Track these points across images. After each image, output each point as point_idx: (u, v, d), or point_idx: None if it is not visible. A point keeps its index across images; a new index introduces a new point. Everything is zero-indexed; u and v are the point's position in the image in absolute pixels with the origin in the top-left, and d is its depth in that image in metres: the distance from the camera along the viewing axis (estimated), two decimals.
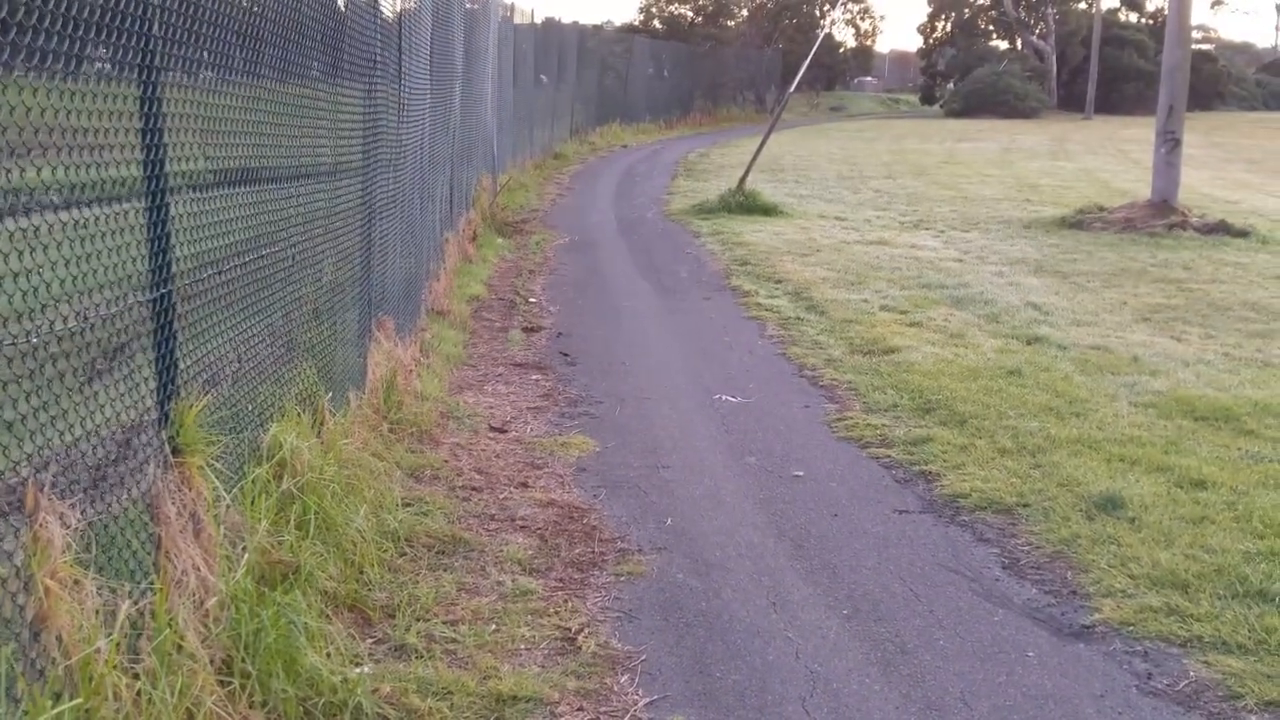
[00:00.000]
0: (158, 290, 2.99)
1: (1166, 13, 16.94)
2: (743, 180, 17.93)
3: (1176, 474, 5.72)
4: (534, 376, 7.92)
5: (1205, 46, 63.42)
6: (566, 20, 33.34)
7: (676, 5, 58.89)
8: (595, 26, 44.61)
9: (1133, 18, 63.35)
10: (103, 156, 2.76)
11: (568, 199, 19.66)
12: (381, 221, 6.52)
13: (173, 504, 2.89)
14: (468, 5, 12.97)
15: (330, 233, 5.18)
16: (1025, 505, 5.37)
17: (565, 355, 8.54)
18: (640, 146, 32.79)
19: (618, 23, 58.96)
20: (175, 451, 3.05)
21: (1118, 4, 63.81)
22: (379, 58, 6.17)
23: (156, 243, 2.97)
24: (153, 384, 3.00)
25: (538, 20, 25.10)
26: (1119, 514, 5.20)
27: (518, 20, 21.71)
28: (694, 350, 8.85)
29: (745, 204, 17.06)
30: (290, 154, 4.52)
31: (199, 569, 2.91)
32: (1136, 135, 34.85)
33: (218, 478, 3.28)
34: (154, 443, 2.94)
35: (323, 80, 4.97)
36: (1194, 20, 16.91)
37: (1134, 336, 9.03)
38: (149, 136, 2.91)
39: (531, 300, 10.68)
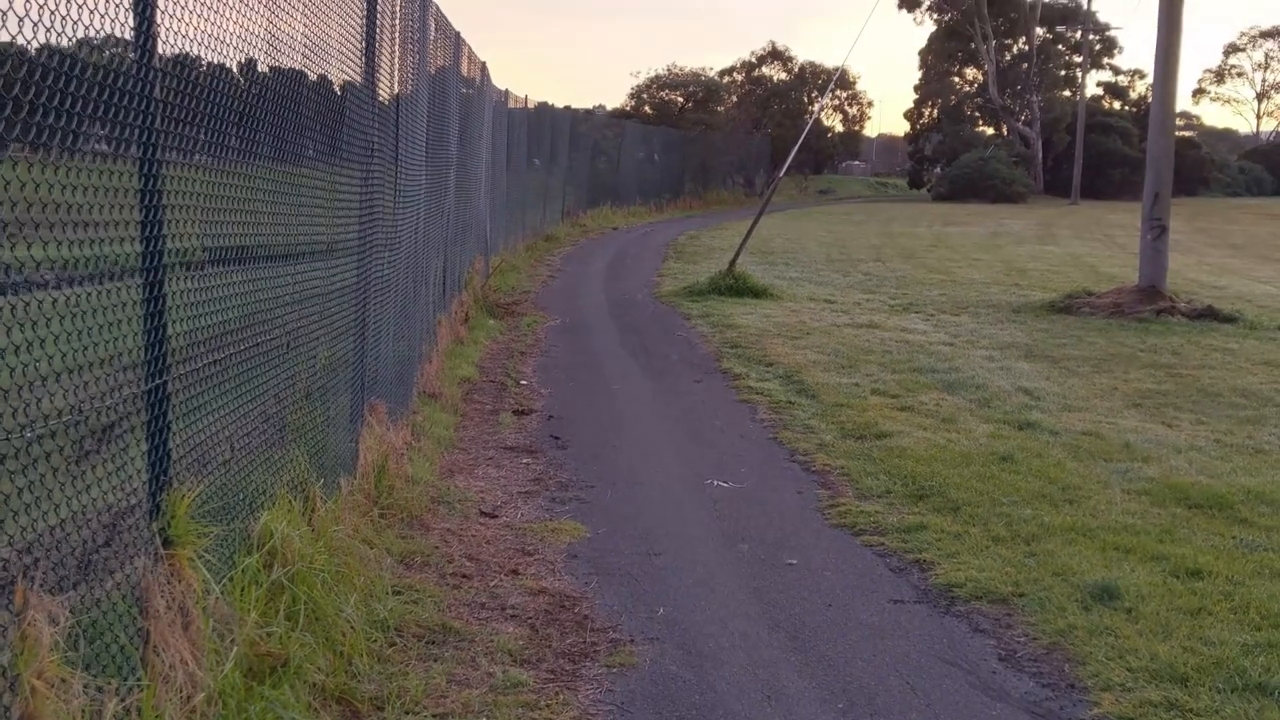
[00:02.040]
0: (152, 381, 2.98)
1: (1150, 101, 17.27)
2: (733, 263, 18.07)
3: (1172, 563, 5.69)
4: (525, 460, 7.88)
5: (1188, 134, 64.65)
6: (559, 105, 33.82)
7: (667, 91, 59.91)
8: (587, 111, 45.41)
9: (1117, 105, 64.58)
10: (96, 234, 2.77)
11: (559, 281, 19.76)
12: (376, 303, 6.54)
13: (162, 597, 2.85)
14: (463, 90, 13.17)
15: (325, 314, 5.19)
16: (1021, 595, 5.32)
17: (556, 438, 8.51)
18: (631, 229, 33.09)
19: (609, 107, 59.83)
20: (166, 543, 3.02)
21: (1102, 92, 65.12)
22: (376, 142, 6.24)
23: (153, 333, 2.97)
24: (144, 472, 2.97)
25: (531, 105, 25.46)
26: (1115, 604, 5.15)
27: (511, 105, 22.03)
28: (685, 434, 8.83)
29: (735, 286, 17.16)
30: (285, 234, 4.55)
31: (187, 663, 2.85)
32: (1122, 220, 35.34)
33: (208, 568, 3.24)
34: (145, 534, 2.90)
35: (320, 162, 5.02)
36: (1177, 108, 17.21)
37: (1125, 422, 9.05)
38: (148, 227, 2.93)
39: (523, 382, 10.67)
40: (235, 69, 3.76)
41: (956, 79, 65.95)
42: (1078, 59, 61.57)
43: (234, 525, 3.73)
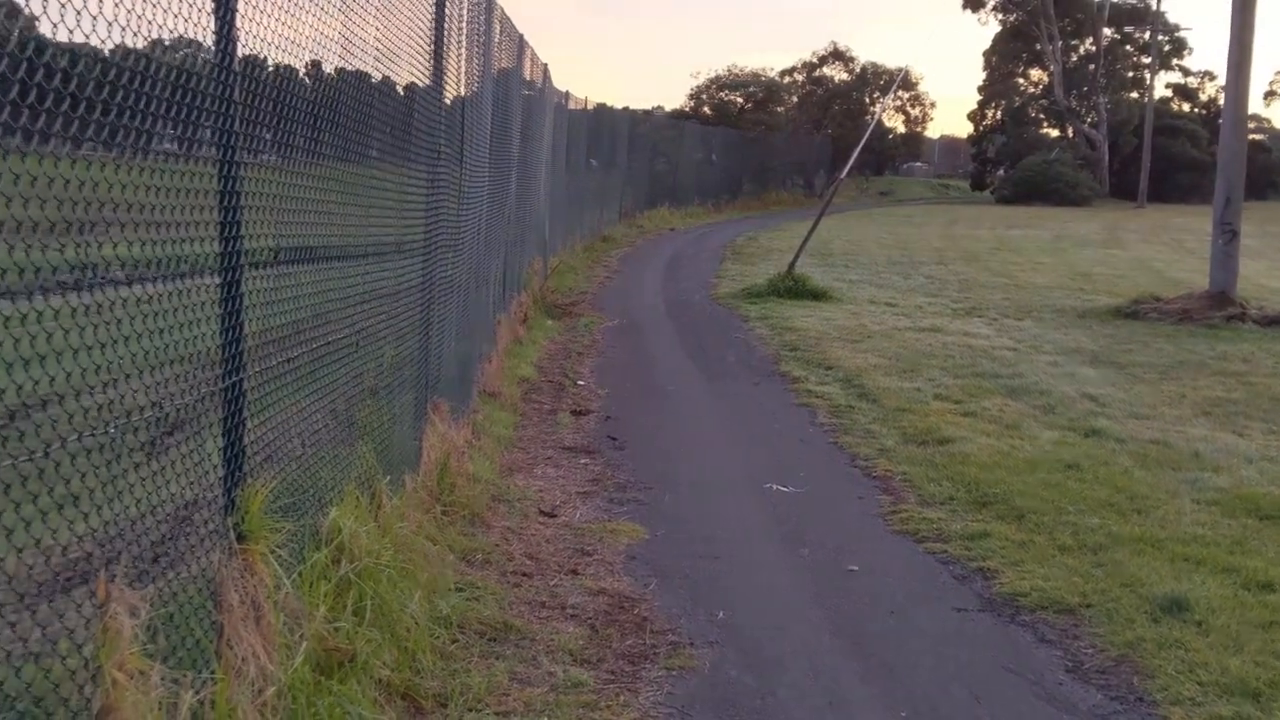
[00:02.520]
0: (229, 378, 3.03)
1: (1221, 104, 16.93)
2: (792, 264, 17.99)
3: (1243, 575, 5.57)
4: (583, 460, 7.90)
5: (1259, 137, 63.19)
6: (618, 106, 33.91)
7: (726, 92, 59.78)
8: (646, 112, 45.42)
9: (1185, 107, 63.38)
10: (173, 234, 2.82)
11: (616, 281, 19.80)
12: (440, 303, 6.60)
13: (236, 592, 2.90)
14: (526, 92, 13.24)
15: (391, 313, 5.25)
16: (1088, 606, 5.24)
17: (614, 439, 8.53)
18: (688, 230, 33.07)
19: (668, 108, 59.85)
20: (240, 538, 3.07)
21: (1170, 94, 63.93)
22: (442, 143, 6.30)
23: (230, 330, 3.03)
24: (220, 468, 3.02)
25: (590, 107, 25.54)
26: (1185, 616, 5.06)
27: (571, 106, 22.11)
28: (743, 437, 8.80)
29: (794, 288, 17.07)
30: (354, 234, 4.60)
31: (259, 657, 2.90)
32: (1190, 225, 34.67)
33: (279, 563, 3.29)
34: (220, 529, 2.95)
35: (388, 163, 5.07)
36: (1248, 111, 16.86)
37: (1194, 431, 8.87)
38: (227, 227, 2.98)
39: (580, 383, 10.70)
40: (309, 71, 3.81)
41: (1021, 80, 65.08)
42: (1146, 60, 60.49)
43: (304, 521, 3.78)
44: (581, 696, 4.20)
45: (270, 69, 3.29)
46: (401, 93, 5.37)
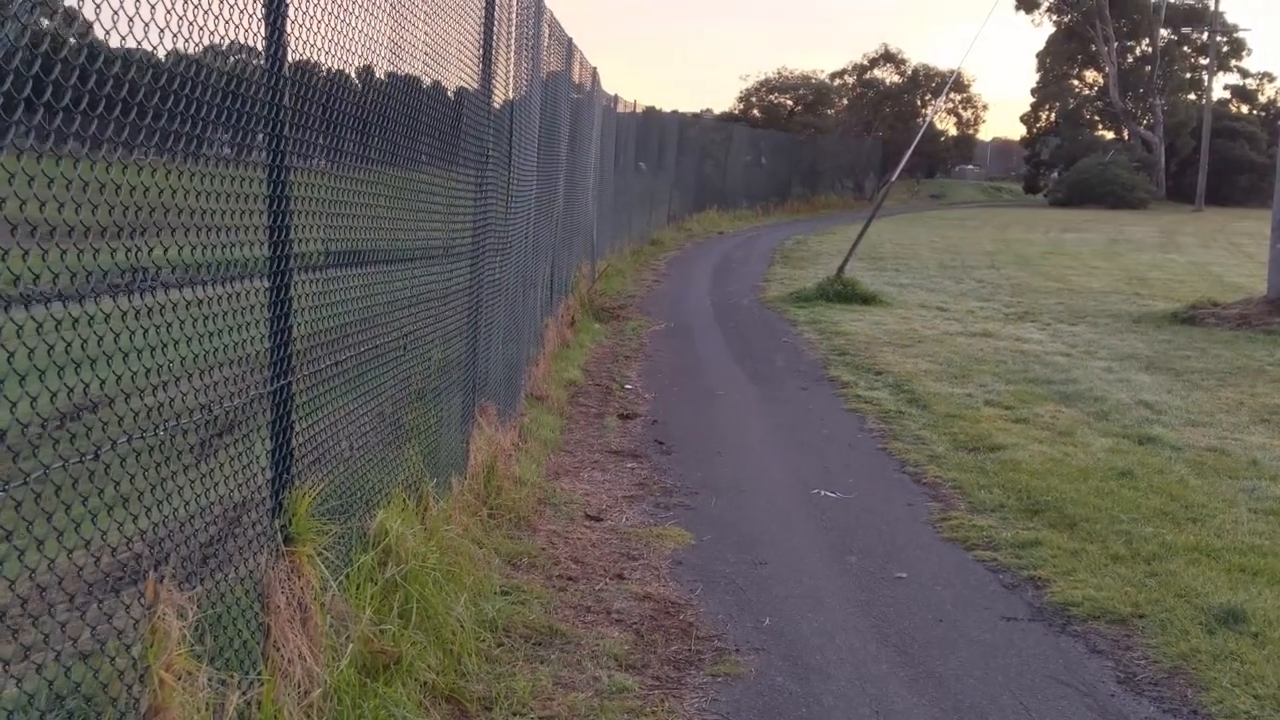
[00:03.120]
0: (278, 381, 3.06)
1: None
2: (841, 268, 17.88)
3: None
4: (629, 464, 7.90)
5: None
6: (667, 109, 33.90)
7: (776, 94, 59.60)
8: (694, 115, 45.39)
9: (1244, 109, 62.26)
10: (221, 238, 2.85)
11: (664, 285, 19.79)
12: (488, 306, 6.62)
13: (283, 593, 2.92)
14: (574, 96, 13.28)
15: (439, 316, 5.28)
16: (1141, 616, 5.14)
17: (660, 443, 8.51)
18: (737, 233, 32.99)
19: (717, 111, 59.75)
20: (287, 540, 3.09)
21: (1228, 95, 62.86)
22: (490, 147, 6.33)
23: (279, 334, 3.05)
24: (268, 470, 3.05)
25: (639, 110, 25.56)
26: (1241, 628, 4.95)
27: (620, 110, 22.15)
28: (791, 442, 8.76)
29: (844, 292, 16.97)
30: (402, 237, 4.63)
31: (305, 659, 2.92)
32: (1249, 228, 34.04)
33: (326, 565, 3.31)
34: (267, 531, 2.98)
35: (437, 167, 5.10)
36: None
37: (1252, 439, 8.70)
38: (276, 231, 3.01)
39: (627, 387, 10.70)
40: (358, 75, 3.84)
41: (1075, 82, 64.27)
42: (1203, 61, 59.52)
43: (351, 523, 3.81)
44: (626, 702, 4.19)
45: (320, 74, 3.32)
46: (450, 96, 5.40)
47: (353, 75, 3.86)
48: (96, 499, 2.23)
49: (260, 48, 2.90)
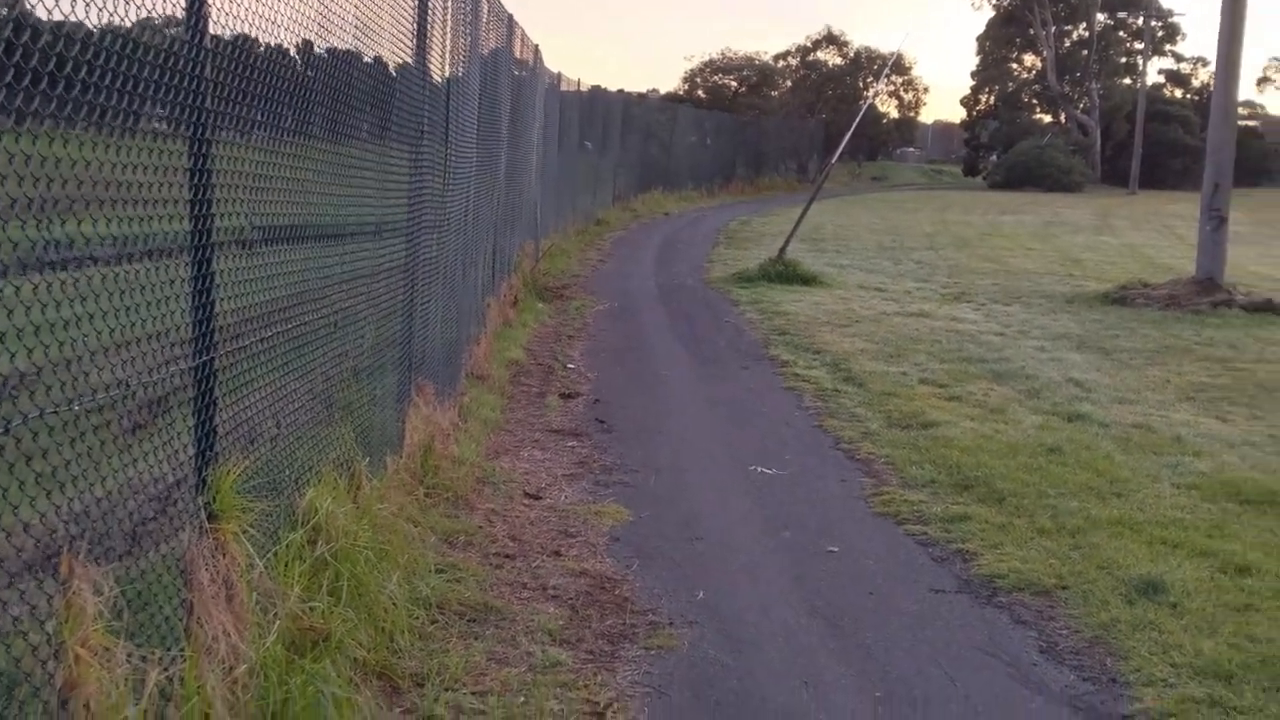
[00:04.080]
0: (199, 357, 3.03)
1: (1212, 90, 16.96)
2: (783, 249, 17.99)
3: (1220, 559, 5.61)
4: (570, 443, 7.92)
5: (1252, 123, 63.15)
6: (613, 89, 33.81)
7: (720, 76, 59.65)
8: (640, 95, 45.31)
9: (1178, 93, 63.35)
10: (146, 211, 2.82)
11: (609, 265, 19.79)
12: (425, 284, 6.59)
13: (207, 570, 2.91)
14: (516, 73, 13.21)
15: (373, 294, 5.25)
16: (1064, 587, 5.27)
17: (602, 422, 8.54)
18: (682, 214, 33.03)
19: (662, 91, 59.69)
20: (211, 517, 3.07)
21: (1163, 80, 63.91)
22: (426, 123, 6.28)
23: (201, 310, 3.03)
24: (191, 447, 3.03)
25: (584, 89, 25.47)
26: (1160, 599, 5.09)
27: (564, 88, 22.05)
28: (730, 420, 8.82)
29: (785, 273, 17.08)
30: (334, 213, 4.60)
31: (230, 636, 2.91)
32: (1182, 211, 34.68)
33: (252, 543, 3.30)
34: (190, 508, 2.96)
35: (369, 142, 5.06)
36: (1240, 97, 16.88)
37: (1177, 416, 8.91)
38: (197, 205, 2.97)
39: (570, 366, 10.71)
40: (284, 47, 3.80)
41: (1014, 65, 64.98)
42: (1139, 46, 60.45)
43: (280, 501, 3.79)
44: (559, 676, 4.22)
45: (244, 46, 3.28)
46: (382, 70, 5.35)
47: (280, 47, 3.82)
48: (7, 475, 2.21)
49: (181, 18, 2.86)
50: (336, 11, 4.18)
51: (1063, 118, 61.62)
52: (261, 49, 3.47)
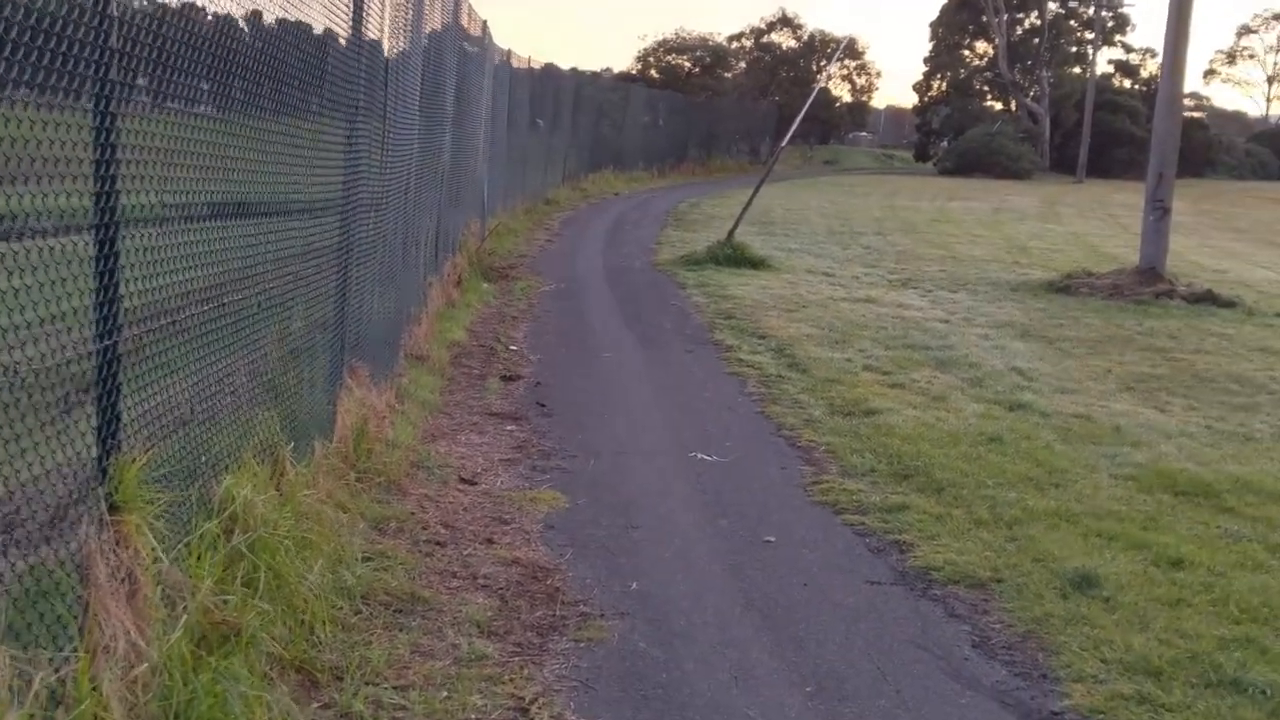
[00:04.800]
0: (102, 341, 2.89)
1: (1159, 81, 17.10)
2: (731, 232, 17.94)
3: (1154, 552, 5.63)
4: (509, 427, 7.81)
5: (1198, 115, 64.08)
6: (565, 67, 33.49)
7: (674, 55, 59.42)
8: (593, 74, 45.01)
9: (1127, 83, 64.04)
10: (48, 186, 2.68)
11: (557, 245, 19.64)
12: (359, 264, 6.44)
13: (105, 565, 2.78)
14: (462, 47, 12.99)
15: (300, 274, 5.09)
16: (999, 580, 5.26)
17: (542, 405, 8.44)
18: (632, 194, 32.89)
19: (616, 71, 59.36)
20: (113, 509, 2.94)
21: (1112, 70, 64.54)
22: (363, 98, 6.12)
23: (104, 291, 2.88)
24: (90, 435, 2.89)
25: (535, 66, 25.21)
26: (1094, 593, 5.09)
27: (514, 65, 21.80)
28: (673, 405, 8.75)
29: (733, 256, 17.02)
30: (260, 190, 4.44)
31: (130, 633, 2.78)
32: (1127, 200, 35.09)
33: (161, 534, 3.17)
34: (90, 499, 2.83)
35: (299, 116, 4.89)
36: (1187, 88, 17.04)
37: (1117, 406, 8.97)
38: (101, 181, 2.82)
39: (512, 348, 10.58)
40: (204, 16, 3.64)
41: (967, 52, 65.35)
42: (1089, 36, 61.01)
43: (193, 490, 3.66)
44: (484, 669, 4.13)
45: (155, 13, 3.11)
46: (314, 41, 5.18)
47: (200, 15, 3.67)
48: None
49: None
50: None
51: (1013, 105, 62.08)
52: (174, 15, 3.31)
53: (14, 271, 2.60)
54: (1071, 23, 63.39)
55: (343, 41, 5.63)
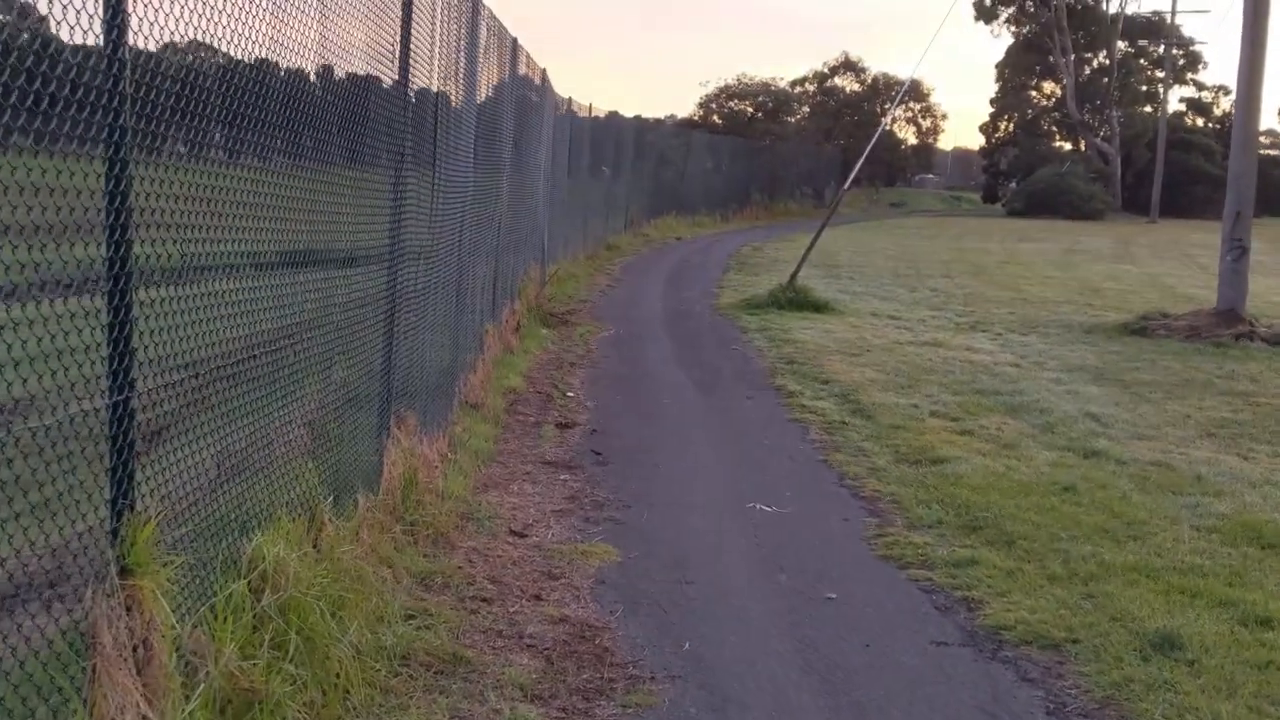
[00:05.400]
0: (115, 396, 2.78)
1: (1234, 119, 16.65)
2: (794, 275, 17.72)
3: (1241, 610, 5.28)
4: (563, 476, 7.64)
5: (1273, 152, 62.64)
6: (629, 115, 33.64)
7: (736, 101, 59.53)
8: (656, 120, 45.23)
9: (1199, 122, 62.93)
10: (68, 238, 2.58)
11: (617, 290, 19.56)
12: (406, 313, 6.34)
13: (112, 633, 2.64)
14: (521, 96, 13.01)
15: (344, 324, 4.98)
16: (1075, 641, 4.95)
17: (598, 454, 8.27)
18: (695, 239, 32.82)
19: (679, 117, 59.56)
20: (124, 572, 2.81)
21: (1184, 108, 63.51)
22: (409, 147, 6.04)
23: (117, 344, 2.77)
24: (106, 492, 2.77)
25: (596, 114, 25.31)
26: (1177, 655, 4.77)
27: (576, 113, 21.89)
28: (732, 453, 8.54)
29: (796, 300, 16.80)
30: (300, 240, 4.34)
31: (139, 705, 2.65)
32: (1203, 240, 34.28)
33: (183, 596, 3.04)
34: (98, 562, 2.70)
35: (339, 166, 4.81)
36: (1263, 125, 16.57)
37: (1198, 453, 8.58)
38: (114, 231, 2.72)
39: (569, 394, 10.45)
40: (231, 65, 3.56)
41: (1034, 93, 64.71)
42: (1160, 74, 60.12)
43: (219, 548, 3.53)
44: None
45: (173, 60, 3.02)
46: (358, 91, 5.11)
47: (228, 66, 3.59)
48: None
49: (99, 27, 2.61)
50: (294, 31, 3.94)
51: (1083, 145, 61.22)
52: (196, 65, 3.23)
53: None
54: (1141, 61, 62.56)
55: (387, 89, 5.57)
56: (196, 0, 3.09)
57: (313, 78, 4.29)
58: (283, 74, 3.85)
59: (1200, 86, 64.51)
